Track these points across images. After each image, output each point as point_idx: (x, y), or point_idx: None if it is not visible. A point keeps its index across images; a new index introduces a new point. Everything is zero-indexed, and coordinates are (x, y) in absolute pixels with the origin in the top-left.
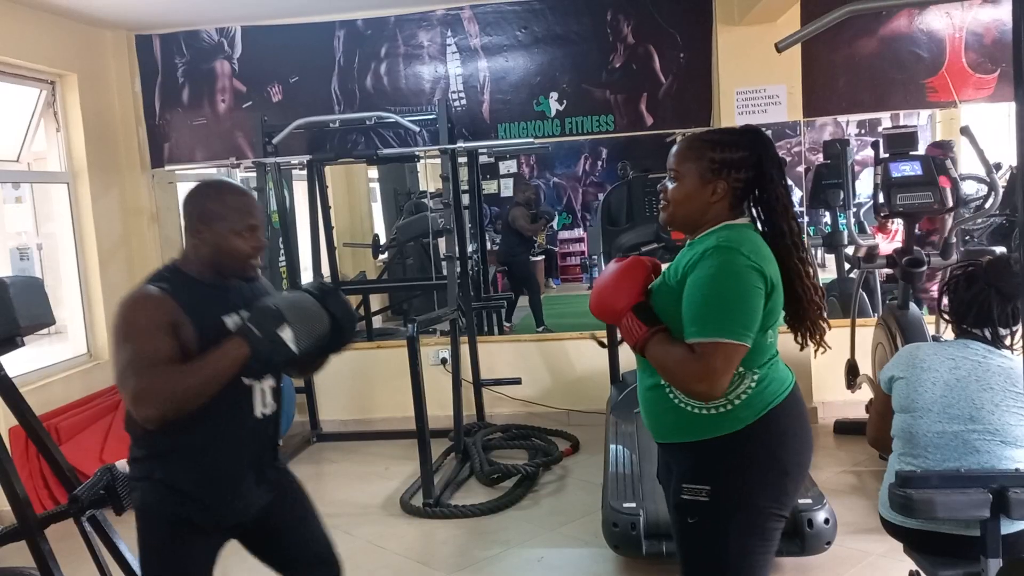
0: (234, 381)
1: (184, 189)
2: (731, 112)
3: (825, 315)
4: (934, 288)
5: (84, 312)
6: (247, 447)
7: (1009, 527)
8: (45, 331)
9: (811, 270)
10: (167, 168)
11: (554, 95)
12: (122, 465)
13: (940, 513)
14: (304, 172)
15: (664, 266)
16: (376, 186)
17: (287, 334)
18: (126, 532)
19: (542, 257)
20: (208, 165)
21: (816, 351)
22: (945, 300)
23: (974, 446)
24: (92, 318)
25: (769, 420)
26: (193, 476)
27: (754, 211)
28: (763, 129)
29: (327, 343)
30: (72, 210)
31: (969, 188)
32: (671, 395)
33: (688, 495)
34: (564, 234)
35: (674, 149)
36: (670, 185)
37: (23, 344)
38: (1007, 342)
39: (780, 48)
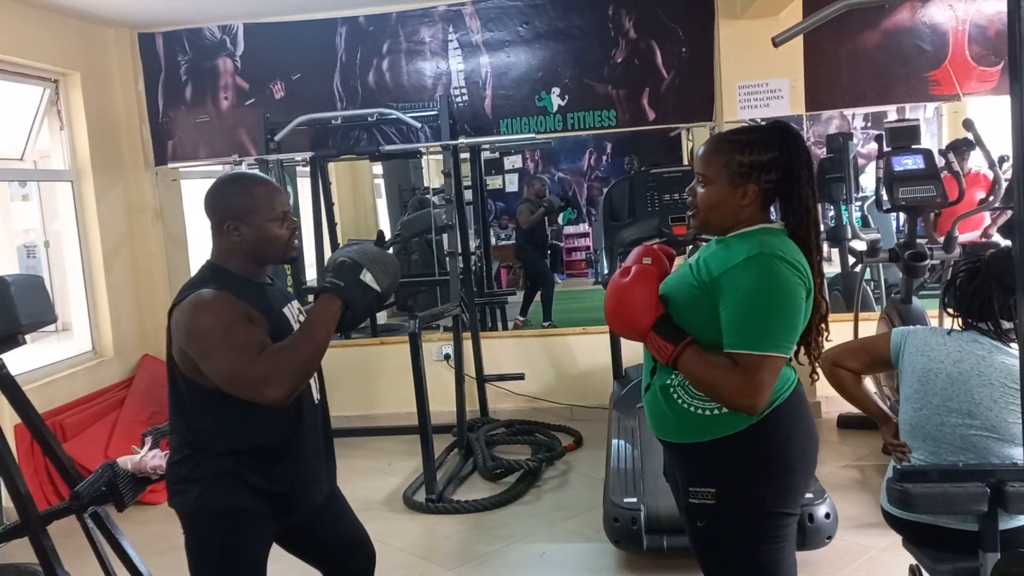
0: None
1: (188, 186)
2: (733, 106)
3: (827, 328)
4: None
5: (89, 309)
6: (315, 432)
7: (1007, 522)
8: (52, 328)
9: (823, 280)
10: (170, 166)
11: (556, 90)
12: (123, 461)
13: (938, 507)
14: (308, 169)
15: (679, 260)
16: (381, 182)
17: (368, 277)
18: (129, 528)
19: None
20: (211, 162)
21: (812, 375)
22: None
23: (971, 442)
24: (97, 315)
25: (774, 418)
26: (271, 468)
27: (781, 211)
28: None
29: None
30: (76, 208)
31: None
32: (676, 396)
33: (695, 499)
34: (569, 229)
35: (700, 151)
36: (699, 189)
37: (24, 342)
38: (1012, 335)
39: (777, 43)
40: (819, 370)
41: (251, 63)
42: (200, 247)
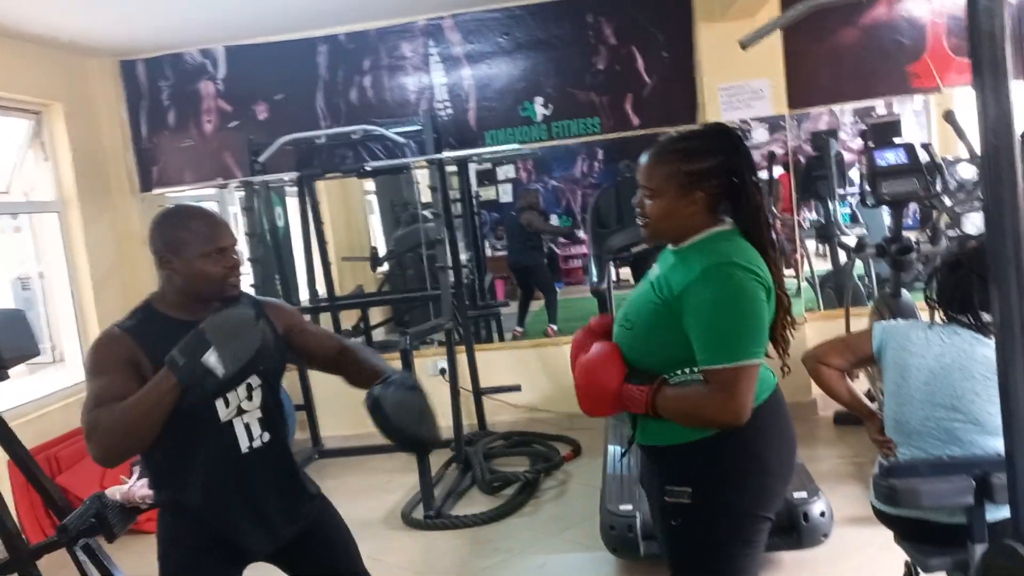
0: (208, 419)
1: None
2: (716, 108)
3: (791, 323)
4: None
5: (80, 339)
6: (241, 484)
7: (994, 513)
8: (47, 360)
9: (782, 274)
10: (156, 191)
11: (539, 100)
12: (112, 492)
13: (925, 502)
14: (296, 188)
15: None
16: (373, 198)
17: (212, 359)
18: (127, 558)
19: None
20: (197, 186)
21: (783, 367)
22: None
23: (956, 435)
24: (88, 345)
25: (753, 422)
26: (202, 510)
27: (731, 212)
28: (729, 125)
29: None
30: (64, 239)
31: (966, 173)
32: None
33: (671, 497)
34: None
35: (643, 163)
36: (647, 202)
37: (7, 376)
38: (992, 328)
39: (745, 45)
40: (788, 364)
41: (233, 85)
42: None
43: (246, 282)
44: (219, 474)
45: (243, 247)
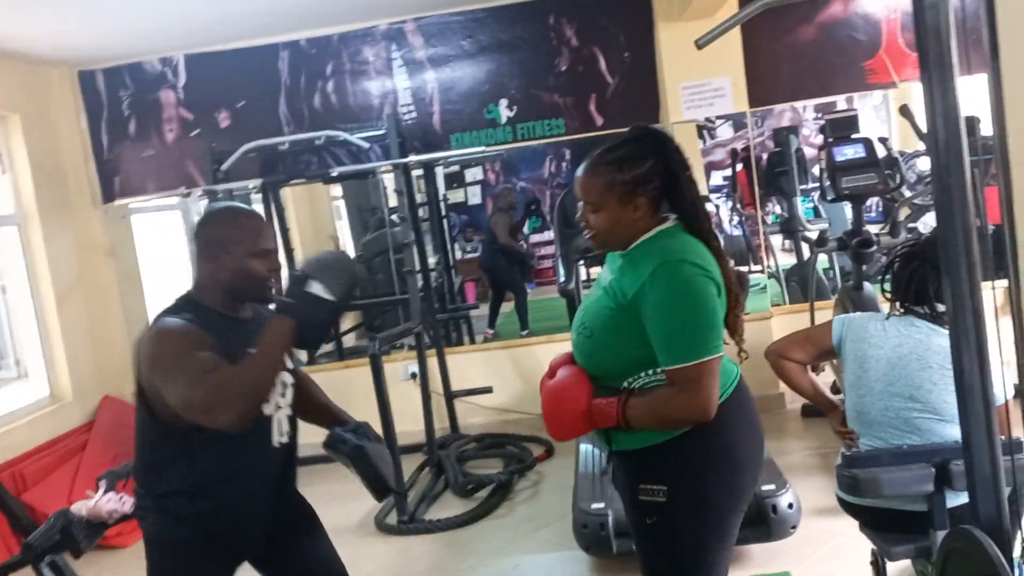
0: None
1: (139, 222)
2: (678, 107)
3: (742, 309)
4: None
5: (44, 353)
6: (266, 476)
7: (954, 500)
8: (13, 375)
9: (727, 262)
10: (119, 202)
11: (504, 102)
12: (78, 507)
13: (886, 491)
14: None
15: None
16: (341, 204)
17: (317, 288)
18: (100, 574)
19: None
20: (160, 196)
21: (740, 352)
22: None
23: (915, 425)
24: (53, 359)
25: (721, 415)
26: (210, 506)
27: (671, 209)
28: (655, 127)
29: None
30: (24, 252)
31: (924, 166)
32: None
33: (646, 495)
34: (535, 237)
35: (579, 178)
36: (591, 216)
37: None
38: (945, 318)
39: (700, 45)
40: (745, 350)
41: (194, 94)
42: (155, 283)
43: None
44: (252, 465)
45: None
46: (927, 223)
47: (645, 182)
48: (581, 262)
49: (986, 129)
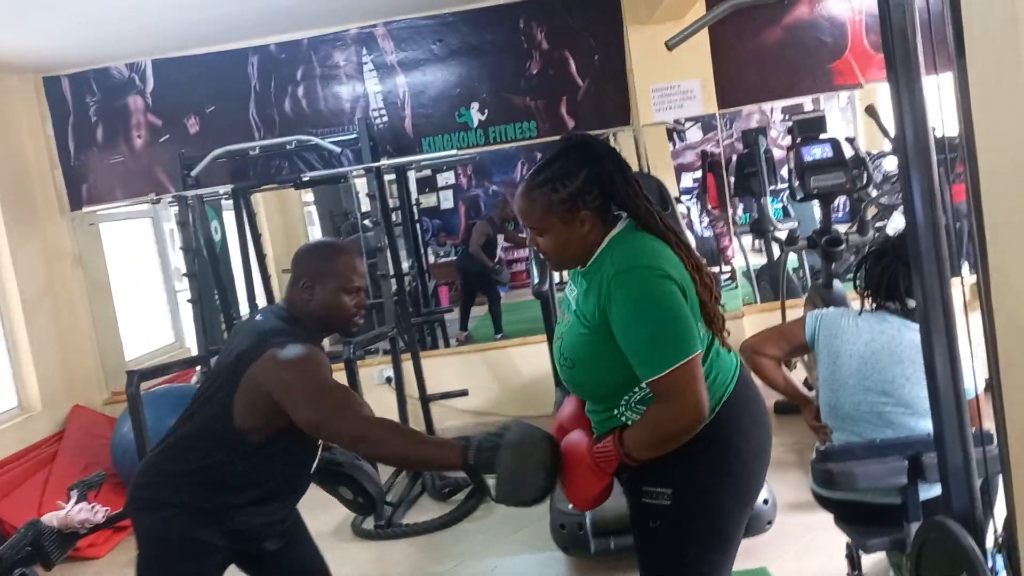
0: (311, 441)
1: (108, 230)
2: (648, 109)
3: (720, 301)
4: None
5: (12, 364)
6: (298, 496)
7: (927, 492)
8: None
9: (692, 254)
10: (87, 210)
11: (475, 105)
12: (49, 518)
13: (861, 484)
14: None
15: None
16: (312, 209)
17: (491, 482)
18: None
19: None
20: (129, 203)
21: (723, 346)
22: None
23: (888, 419)
24: (21, 369)
25: (726, 412)
26: (243, 514)
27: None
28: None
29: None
30: None
31: (890, 166)
32: (623, 417)
33: (650, 498)
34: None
35: (519, 205)
36: (539, 239)
37: None
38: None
39: (670, 46)
40: (728, 344)
41: (162, 99)
42: (125, 291)
43: (183, 297)
44: (295, 481)
45: (179, 262)
46: (895, 225)
47: (583, 195)
48: None
49: (950, 128)
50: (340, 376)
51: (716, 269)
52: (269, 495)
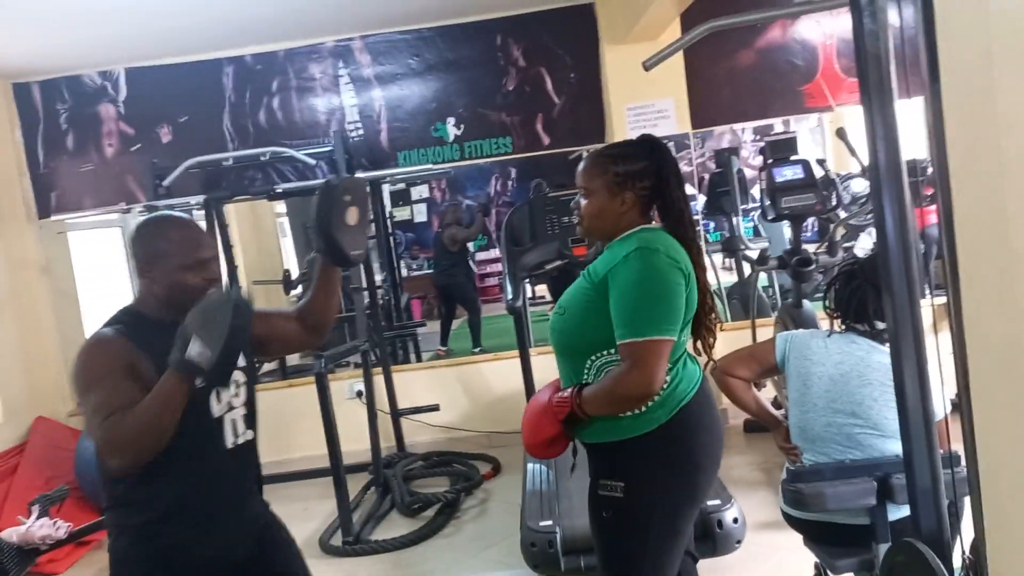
0: (203, 414)
1: (76, 239)
2: (623, 128)
3: (716, 320)
4: None
5: None
6: (222, 479)
7: (896, 513)
8: None
9: (706, 276)
10: (55, 218)
11: (451, 120)
12: (8, 534)
13: (830, 504)
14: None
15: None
16: (285, 221)
17: (196, 347)
18: None
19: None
20: (99, 212)
21: (707, 362)
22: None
23: (856, 440)
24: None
25: (681, 417)
26: (169, 515)
27: (660, 215)
28: (660, 139)
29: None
30: None
31: (859, 187)
32: (586, 377)
33: (604, 491)
34: (481, 255)
35: (580, 167)
36: (583, 202)
37: None
38: (886, 335)
39: (647, 66)
40: (713, 359)
41: (135, 108)
42: (93, 301)
43: None
44: (204, 470)
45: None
46: (862, 246)
47: (636, 178)
48: (527, 280)
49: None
50: (309, 390)
51: None
52: (180, 501)
